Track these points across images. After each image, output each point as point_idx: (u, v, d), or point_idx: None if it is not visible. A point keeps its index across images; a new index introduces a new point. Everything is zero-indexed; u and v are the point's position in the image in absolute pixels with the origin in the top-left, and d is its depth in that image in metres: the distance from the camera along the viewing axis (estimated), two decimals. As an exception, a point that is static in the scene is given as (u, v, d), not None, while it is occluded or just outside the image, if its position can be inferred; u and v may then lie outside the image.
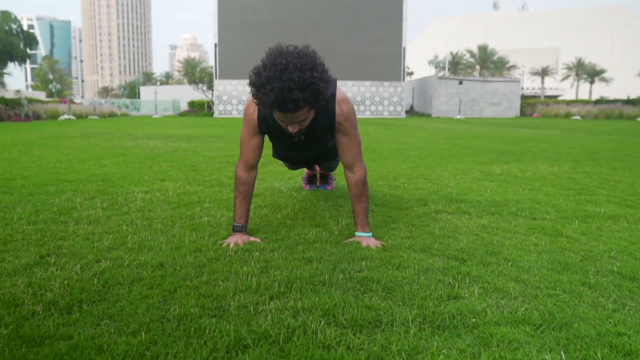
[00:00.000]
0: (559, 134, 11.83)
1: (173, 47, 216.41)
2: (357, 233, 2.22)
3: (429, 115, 34.53)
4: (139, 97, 54.82)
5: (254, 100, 1.87)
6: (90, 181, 3.81)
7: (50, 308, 1.42)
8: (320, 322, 1.34)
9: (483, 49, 52.67)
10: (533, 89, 62.09)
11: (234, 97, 27.72)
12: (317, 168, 3.64)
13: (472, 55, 53.77)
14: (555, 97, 54.97)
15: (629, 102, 29.95)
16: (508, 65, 57.08)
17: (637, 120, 24.68)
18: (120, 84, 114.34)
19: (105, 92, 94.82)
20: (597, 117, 28.63)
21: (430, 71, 59.66)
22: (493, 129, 14.45)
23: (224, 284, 1.62)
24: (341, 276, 1.72)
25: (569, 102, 35.35)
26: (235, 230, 2.22)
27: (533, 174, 4.63)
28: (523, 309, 1.46)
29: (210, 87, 33.24)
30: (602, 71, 53.84)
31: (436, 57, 59.12)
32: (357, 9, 27.98)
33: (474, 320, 1.39)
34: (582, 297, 1.58)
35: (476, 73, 54.82)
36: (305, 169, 3.68)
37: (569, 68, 57.92)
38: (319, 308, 1.43)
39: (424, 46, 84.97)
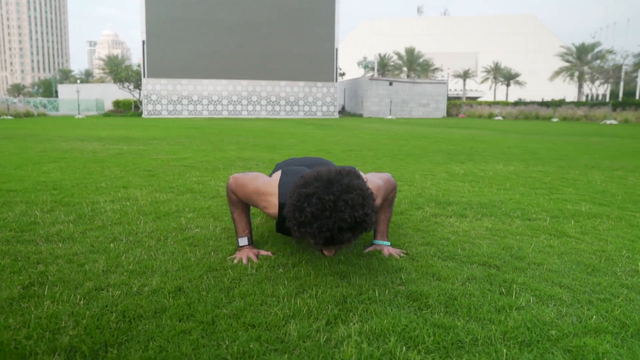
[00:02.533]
0: (492, 135, 12.44)
1: (92, 44, 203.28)
2: (376, 241, 2.10)
3: (360, 116, 35.15)
4: (56, 96, 50.93)
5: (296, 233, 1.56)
6: (39, 190, 3.36)
7: (72, 357, 1.15)
8: (402, 348, 1.20)
9: (410, 51, 54.57)
10: (455, 90, 65.33)
11: (164, 96, 26.52)
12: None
13: (400, 57, 55.50)
14: (476, 98, 58.23)
15: (543, 104, 32.40)
16: (433, 68, 59.55)
17: (552, 120, 26.68)
18: (33, 81, 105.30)
19: (17, 89, 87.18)
20: (517, 117, 30.63)
21: (359, 72, 60.91)
22: (429, 129, 14.92)
23: (268, 309, 1.43)
24: (387, 291, 1.58)
25: (490, 104, 37.53)
26: (242, 244, 2.01)
27: (495, 174, 4.75)
28: (593, 317, 1.41)
29: (138, 86, 31.59)
30: (516, 75, 57.73)
31: (365, 58, 60.44)
32: (290, 9, 27.85)
33: (553, 332, 1.31)
34: (632, 300, 1.56)
35: (403, 75, 56.67)
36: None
37: (488, 71, 61.52)
38: (390, 331, 1.28)
39: (351, 48, 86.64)
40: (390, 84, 37.87)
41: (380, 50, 63.92)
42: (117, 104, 33.58)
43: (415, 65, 55.16)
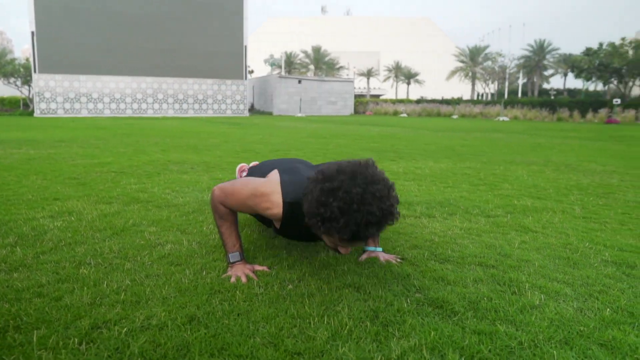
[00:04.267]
0: (406, 132, 13.02)
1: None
2: (368, 248, 2.07)
3: (270, 114, 34.99)
4: None
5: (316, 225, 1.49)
6: (-49, 208, 2.87)
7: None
8: (462, 359, 1.18)
9: (317, 50, 55.38)
10: (360, 88, 67.57)
11: (59, 94, 24.16)
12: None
13: (307, 55, 56.11)
14: (379, 96, 60.76)
15: (444, 101, 34.71)
16: (338, 66, 61.00)
17: (452, 117, 28.63)
18: None
19: None
20: (420, 114, 32.44)
21: (266, 70, 60.61)
22: (344, 127, 15.25)
23: (304, 332, 1.33)
24: (408, 300, 1.56)
25: (395, 102, 39.35)
26: (233, 261, 1.87)
27: (431, 172, 4.96)
28: (607, 310, 1.50)
29: (27, 82, 28.47)
30: (416, 74, 61.15)
31: (272, 56, 60.25)
32: (197, 3, 26.81)
33: (581, 328, 1.37)
34: (624, 290, 1.68)
35: (310, 73, 57.39)
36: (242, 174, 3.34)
37: (389, 70, 64.43)
38: (440, 343, 1.26)
39: (256, 46, 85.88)
40: (300, 82, 38.15)
41: (286, 48, 64.13)
42: (1, 101, 30.02)
43: (322, 63, 56.13)
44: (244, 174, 3.14)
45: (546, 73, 50.88)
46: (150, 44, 25.42)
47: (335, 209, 1.40)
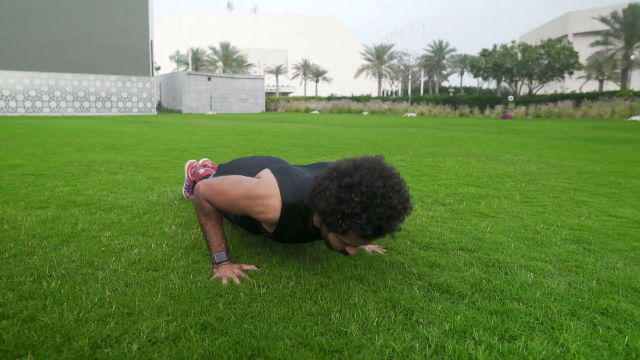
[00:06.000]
0: (324, 128, 13.20)
1: None
2: (351, 240, 2.04)
3: (179, 112, 33.66)
4: None
5: (326, 228, 1.47)
6: None
7: None
8: (494, 339, 1.20)
9: (225, 46, 54.13)
10: (269, 86, 67.33)
11: None
12: (205, 172, 3.16)
13: (215, 52, 54.68)
14: (288, 93, 61.07)
15: (354, 98, 35.70)
16: (247, 64, 60.26)
17: (363, 114, 29.55)
18: None
19: None
20: (331, 111, 33.10)
21: (172, 67, 58.17)
22: (261, 124, 15.10)
23: (330, 328, 1.27)
24: (415, 288, 1.56)
25: (307, 99, 39.69)
26: (219, 261, 1.75)
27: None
28: (594, 282, 1.62)
29: None
30: (324, 72, 62.23)
31: (177, 52, 57.93)
32: (94, -6, 24.92)
33: (580, 300, 1.47)
34: (595, 264, 1.83)
35: (219, 70, 56.06)
36: (188, 175, 3.15)
37: (297, 68, 64.90)
38: (466, 326, 1.27)
39: (160, 41, 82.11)
40: (209, 79, 37.13)
41: (192, 44, 61.98)
42: None
43: (231, 60, 55.08)
44: (202, 170, 2.97)
45: (445, 72, 54.42)
46: (45, 36, 23.17)
47: (357, 205, 1.36)
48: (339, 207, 1.38)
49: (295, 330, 1.26)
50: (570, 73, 31.56)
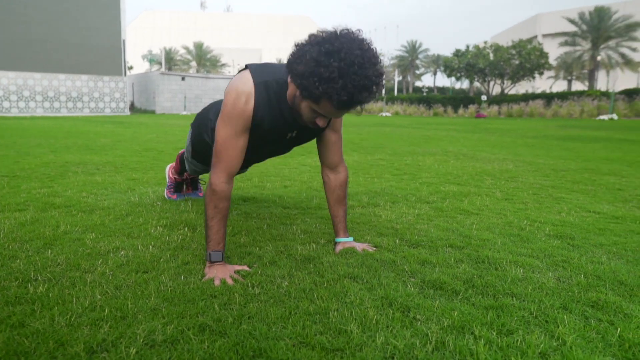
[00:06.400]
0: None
1: None
2: (340, 239, 2.04)
3: (153, 112, 33.13)
4: None
5: (301, 93, 1.53)
6: None
7: None
8: (493, 334, 1.22)
9: (199, 46, 53.52)
10: (244, 86, 66.60)
11: None
12: (187, 174, 3.12)
13: (189, 52, 54.00)
14: (264, 93, 60.48)
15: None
16: (221, 63, 59.70)
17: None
18: None
19: None
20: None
21: (144, 66, 57.22)
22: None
23: (334, 328, 1.27)
24: (409, 285, 1.57)
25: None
26: (215, 260, 1.72)
27: (348, 164, 5.07)
28: (582, 276, 1.66)
29: None
30: (299, 71, 62.15)
31: (150, 51, 57.01)
32: (64, -9, 24.26)
33: (569, 294, 1.50)
34: (581, 259, 1.88)
35: (193, 70, 55.37)
36: (174, 176, 3.11)
37: (273, 68, 64.57)
38: (464, 322, 1.29)
39: (132, 41, 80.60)
40: (183, 78, 36.66)
41: (164, 43, 61.09)
42: None
43: (204, 60, 54.50)
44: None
45: (418, 72, 55.08)
46: (11, 34, 22.44)
47: (335, 69, 1.41)
48: (318, 70, 1.43)
49: (294, 330, 1.25)
50: (541, 73, 32.40)
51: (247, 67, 1.76)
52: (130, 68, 38.30)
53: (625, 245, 2.10)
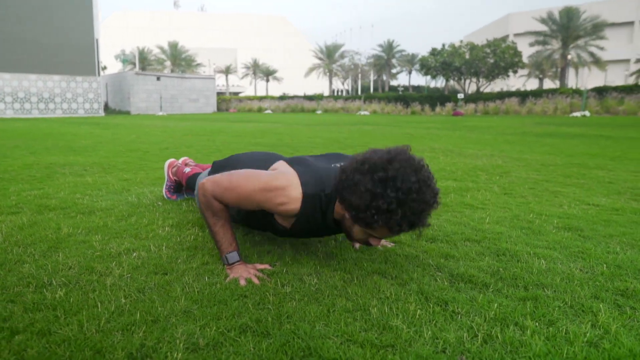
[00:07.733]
0: (283, 127, 13.12)
1: None
2: (357, 235, 2.01)
3: (128, 113, 32.49)
4: None
5: (354, 221, 1.43)
6: None
7: None
8: (537, 324, 1.22)
9: (174, 45, 52.68)
10: (219, 85, 66.17)
11: None
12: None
13: (163, 51, 53.11)
14: (238, 93, 60.32)
15: (307, 97, 35.77)
16: (196, 63, 58.97)
17: (316, 112, 29.65)
18: None
19: None
20: (285, 110, 33.01)
21: (117, 66, 56.08)
22: (216, 124, 14.82)
23: (378, 324, 1.24)
24: (442, 280, 1.56)
25: (260, 98, 39.34)
26: (233, 261, 1.68)
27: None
28: (605, 266, 1.68)
29: None
30: (275, 71, 61.86)
31: (123, 51, 55.87)
32: (32, -12, 23.51)
33: (596, 284, 1.52)
34: (596, 249, 1.91)
35: (167, 70, 54.52)
36: (169, 175, 3.03)
37: (247, 67, 64.16)
38: (509, 314, 1.29)
39: (104, 40, 78.85)
40: (158, 79, 36.07)
41: (138, 43, 59.94)
42: None
43: (179, 60, 53.72)
44: (187, 169, 2.85)
45: (394, 71, 55.50)
46: (-25, 33, 21.66)
47: (393, 201, 1.32)
48: (375, 203, 1.34)
49: (337, 328, 1.22)
50: (515, 72, 33.09)
51: (291, 165, 1.66)
52: (104, 68, 37.47)
53: (634, 235, 2.14)
